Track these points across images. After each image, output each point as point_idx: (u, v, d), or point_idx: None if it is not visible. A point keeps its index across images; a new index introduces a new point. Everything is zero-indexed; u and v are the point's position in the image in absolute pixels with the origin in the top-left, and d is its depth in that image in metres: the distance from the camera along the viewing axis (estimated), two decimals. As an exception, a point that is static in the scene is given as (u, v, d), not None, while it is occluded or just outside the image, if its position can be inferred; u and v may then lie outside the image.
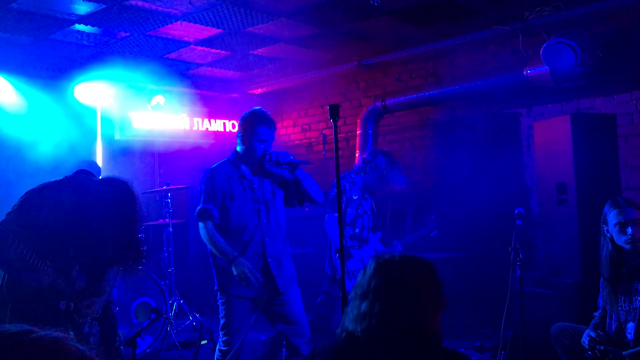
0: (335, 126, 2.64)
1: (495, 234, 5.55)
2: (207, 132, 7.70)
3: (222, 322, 3.66)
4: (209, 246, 3.69)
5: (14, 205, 2.97)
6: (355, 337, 1.84)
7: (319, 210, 5.31)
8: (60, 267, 2.96)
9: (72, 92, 6.38)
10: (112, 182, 3.13)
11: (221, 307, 3.68)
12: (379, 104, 6.90)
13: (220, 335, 3.66)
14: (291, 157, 3.66)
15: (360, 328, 1.83)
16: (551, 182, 4.95)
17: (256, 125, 3.67)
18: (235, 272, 3.51)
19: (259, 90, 8.13)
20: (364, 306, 1.83)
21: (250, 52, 6.50)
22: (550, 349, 3.86)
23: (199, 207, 3.69)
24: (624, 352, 3.15)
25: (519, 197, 5.96)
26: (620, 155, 5.05)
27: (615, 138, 4.99)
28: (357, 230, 4.99)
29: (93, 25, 5.33)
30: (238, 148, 3.79)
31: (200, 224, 3.69)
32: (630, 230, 3.24)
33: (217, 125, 7.83)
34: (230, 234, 3.66)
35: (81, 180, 3.07)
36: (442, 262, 5.93)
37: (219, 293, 3.71)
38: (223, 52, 6.45)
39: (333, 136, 2.67)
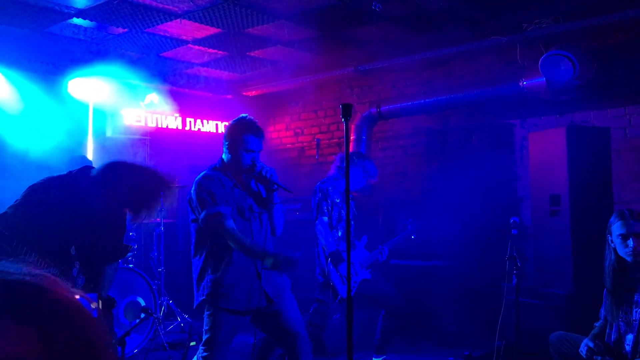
0: (347, 126, 2.62)
1: (486, 243, 5.56)
2: (200, 133, 7.69)
3: (205, 336, 3.40)
4: (233, 244, 3.36)
5: (16, 201, 2.89)
6: None
7: (309, 215, 5.26)
8: (61, 266, 2.92)
9: (66, 87, 6.30)
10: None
11: (207, 320, 3.45)
12: (373, 110, 6.91)
13: (201, 351, 3.40)
14: (276, 177, 3.47)
15: None
16: (544, 193, 4.98)
17: (243, 134, 3.45)
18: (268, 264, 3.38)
19: (253, 93, 8.09)
20: None
21: (247, 53, 6.48)
22: (541, 359, 3.87)
23: (205, 212, 3.34)
24: (618, 364, 3.17)
25: (511, 207, 5.99)
26: (613, 169, 5.11)
27: (608, 152, 5.03)
28: (340, 233, 4.94)
29: (91, 20, 5.29)
30: (224, 156, 3.56)
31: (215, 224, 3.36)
32: (631, 242, 3.25)
33: (209, 126, 7.81)
34: (222, 240, 3.42)
35: (84, 177, 3.02)
36: (432, 271, 5.94)
37: (206, 305, 3.47)
38: (220, 52, 6.43)
39: (344, 136, 2.66)
